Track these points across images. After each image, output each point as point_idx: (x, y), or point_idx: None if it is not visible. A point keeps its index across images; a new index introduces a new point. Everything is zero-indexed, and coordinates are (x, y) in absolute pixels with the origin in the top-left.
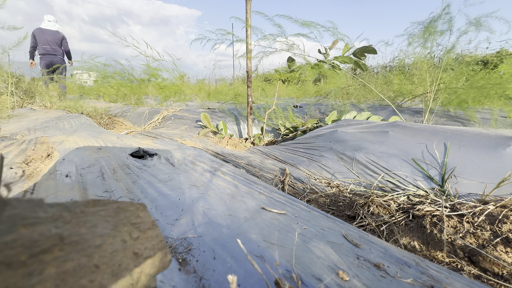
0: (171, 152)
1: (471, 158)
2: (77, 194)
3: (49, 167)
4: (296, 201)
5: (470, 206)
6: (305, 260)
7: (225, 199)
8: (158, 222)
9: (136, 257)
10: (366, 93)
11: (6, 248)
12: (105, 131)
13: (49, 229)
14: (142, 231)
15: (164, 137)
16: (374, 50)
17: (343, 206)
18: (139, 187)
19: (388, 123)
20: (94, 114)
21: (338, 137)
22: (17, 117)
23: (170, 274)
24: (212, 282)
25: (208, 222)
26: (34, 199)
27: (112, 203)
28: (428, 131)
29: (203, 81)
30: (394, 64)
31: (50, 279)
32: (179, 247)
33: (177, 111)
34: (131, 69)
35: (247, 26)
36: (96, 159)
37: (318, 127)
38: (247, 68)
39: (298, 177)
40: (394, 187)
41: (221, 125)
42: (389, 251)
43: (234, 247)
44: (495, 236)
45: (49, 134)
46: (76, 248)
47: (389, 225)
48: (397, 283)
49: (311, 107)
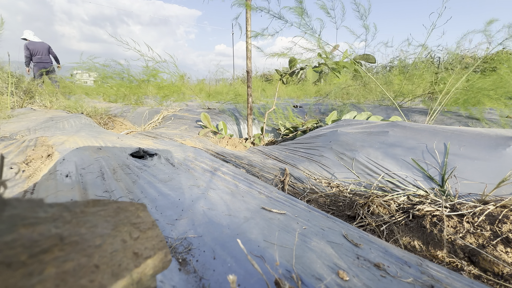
0: (171, 152)
1: (471, 158)
2: (77, 194)
3: (49, 167)
4: (296, 201)
5: (470, 206)
6: (305, 260)
7: (225, 199)
8: (158, 222)
9: (136, 257)
10: (366, 93)
11: (6, 248)
12: (105, 131)
13: (49, 229)
14: (142, 231)
15: (164, 137)
16: (373, 59)
17: (343, 206)
18: (139, 187)
19: (388, 123)
20: (94, 114)
21: (338, 137)
22: (17, 117)
23: (170, 274)
24: (212, 282)
25: (208, 222)
26: (34, 199)
27: (112, 203)
28: (428, 131)
29: (203, 81)
30: (394, 64)
31: (50, 279)
32: (179, 247)
33: (177, 111)
34: (130, 70)
35: (247, 25)
36: (96, 159)
37: (318, 127)
38: (247, 68)
39: (298, 177)
40: (394, 187)
41: (221, 125)
42: (389, 251)
43: (234, 247)
44: (495, 236)
45: (49, 134)
46: (76, 248)
47: (389, 225)
48: (397, 283)
49: (311, 107)
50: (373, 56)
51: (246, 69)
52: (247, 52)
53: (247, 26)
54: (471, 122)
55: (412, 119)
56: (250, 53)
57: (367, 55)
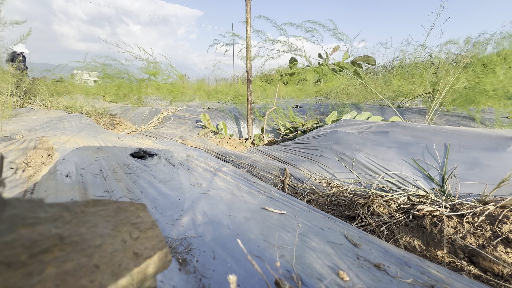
0: (171, 152)
1: (472, 158)
2: (77, 194)
3: (49, 167)
4: (296, 201)
5: (470, 206)
6: (305, 260)
7: (225, 199)
8: (158, 222)
9: (136, 257)
10: (366, 93)
11: (6, 248)
12: (105, 131)
13: (49, 229)
14: (142, 231)
15: (164, 137)
16: (373, 61)
17: (343, 206)
18: (139, 187)
19: (388, 123)
20: (94, 114)
21: (338, 137)
22: (17, 117)
23: (170, 274)
24: (212, 282)
25: (208, 222)
26: (34, 199)
27: (112, 203)
28: (428, 131)
29: (203, 81)
30: (394, 64)
31: (50, 279)
32: (179, 247)
33: (177, 111)
34: (130, 69)
35: (247, 25)
36: (96, 159)
37: (318, 127)
38: (247, 68)
39: (298, 177)
40: (394, 187)
41: (221, 125)
42: (389, 251)
43: (234, 247)
44: (495, 237)
45: (49, 134)
46: (76, 248)
47: (389, 225)
48: (397, 283)
49: (311, 107)
50: (373, 57)
51: (246, 69)
52: (247, 52)
53: (247, 25)
54: (471, 122)
55: (412, 119)
56: (250, 53)
57: (367, 56)
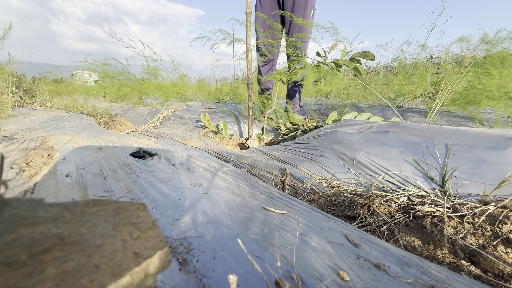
0: (172, 152)
1: (472, 158)
2: (77, 194)
3: (50, 167)
4: (296, 201)
5: (471, 206)
6: (306, 260)
7: (225, 198)
8: (158, 222)
9: (136, 257)
10: (367, 93)
11: (6, 248)
12: (106, 130)
13: (49, 229)
14: (142, 231)
15: (164, 137)
16: (372, 56)
17: (343, 206)
18: (139, 187)
19: (388, 123)
20: (94, 113)
21: (338, 137)
22: (17, 117)
23: (170, 274)
24: (212, 282)
25: (208, 222)
26: (34, 199)
27: (112, 203)
28: (429, 131)
29: (203, 81)
30: (395, 65)
31: (50, 279)
32: (179, 247)
33: (178, 111)
34: (130, 69)
35: (246, 23)
36: (96, 159)
37: (318, 127)
38: (247, 71)
39: (299, 177)
40: (394, 187)
41: (221, 125)
42: (389, 251)
43: (234, 247)
44: (496, 237)
45: (50, 134)
46: (76, 248)
47: (390, 226)
48: (397, 283)
49: (312, 107)
50: (371, 53)
51: (246, 71)
52: (247, 51)
53: (246, 23)
54: (471, 123)
55: (412, 119)
56: (250, 53)
57: (366, 52)
